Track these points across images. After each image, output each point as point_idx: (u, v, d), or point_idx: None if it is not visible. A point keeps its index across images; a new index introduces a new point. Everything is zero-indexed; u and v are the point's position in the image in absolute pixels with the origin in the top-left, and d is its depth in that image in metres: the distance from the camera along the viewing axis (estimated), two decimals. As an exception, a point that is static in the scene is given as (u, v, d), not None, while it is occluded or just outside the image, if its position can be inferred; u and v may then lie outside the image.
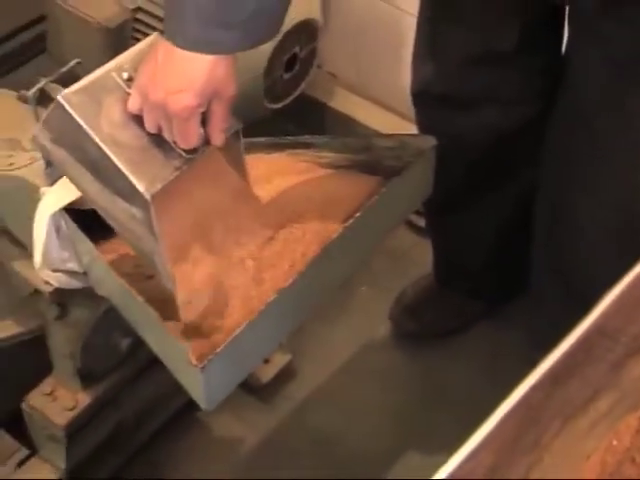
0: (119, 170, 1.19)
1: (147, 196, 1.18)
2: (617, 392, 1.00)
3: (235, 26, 1.12)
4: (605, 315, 1.05)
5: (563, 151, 1.72)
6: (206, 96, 1.16)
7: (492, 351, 2.03)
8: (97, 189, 1.25)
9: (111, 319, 1.50)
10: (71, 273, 1.45)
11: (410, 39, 1.79)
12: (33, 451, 1.75)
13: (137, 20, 2.12)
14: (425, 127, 1.84)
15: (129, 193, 1.20)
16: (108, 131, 1.20)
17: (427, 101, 1.80)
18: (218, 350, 1.21)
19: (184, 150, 1.21)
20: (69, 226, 1.38)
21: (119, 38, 2.10)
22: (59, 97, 1.21)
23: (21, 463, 1.75)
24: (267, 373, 1.98)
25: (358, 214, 1.36)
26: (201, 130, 1.20)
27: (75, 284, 1.47)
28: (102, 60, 2.06)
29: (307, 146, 1.53)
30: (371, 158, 1.49)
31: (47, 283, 1.48)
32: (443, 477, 0.88)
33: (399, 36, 2.22)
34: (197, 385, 1.25)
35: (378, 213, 1.40)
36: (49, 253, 1.42)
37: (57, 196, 1.38)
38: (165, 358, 1.33)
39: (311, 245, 1.35)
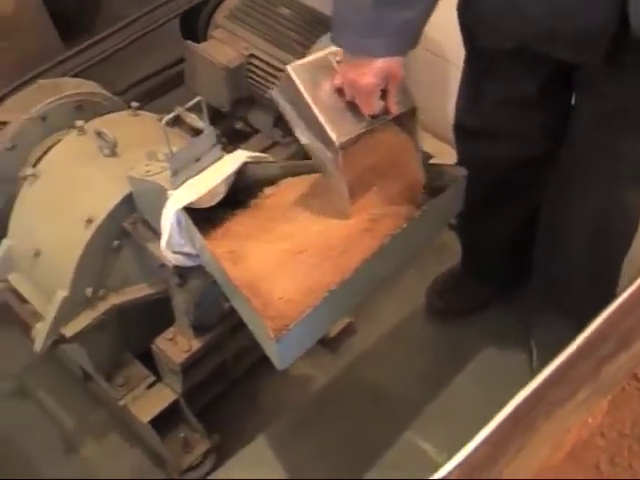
0: (320, 123, 1.26)
1: (337, 143, 1.25)
2: (594, 385, 0.94)
3: (382, 37, 1.21)
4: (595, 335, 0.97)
5: (560, 181, 1.65)
6: (382, 77, 1.24)
7: (500, 329, 1.94)
8: (307, 135, 1.31)
9: (216, 287, 1.46)
10: (187, 255, 1.44)
11: (454, 84, 1.70)
12: (159, 378, 1.75)
13: (250, 63, 2.08)
14: (461, 152, 1.76)
15: (326, 140, 1.27)
16: (318, 95, 1.27)
17: (463, 133, 1.71)
18: (290, 327, 1.17)
19: (370, 116, 1.28)
20: (186, 221, 1.38)
21: (236, 76, 2.08)
22: (288, 67, 1.29)
23: (150, 386, 1.75)
24: (334, 330, 1.93)
25: (404, 225, 1.32)
26: (382, 103, 1.27)
27: (189, 263, 1.46)
28: (224, 92, 2.07)
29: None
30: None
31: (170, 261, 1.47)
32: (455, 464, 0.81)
33: (446, 81, 2.16)
34: (273, 351, 1.22)
35: (421, 224, 1.35)
36: (172, 239, 1.41)
37: (179, 197, 1.39)
38: (250, 326, 1.31)
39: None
